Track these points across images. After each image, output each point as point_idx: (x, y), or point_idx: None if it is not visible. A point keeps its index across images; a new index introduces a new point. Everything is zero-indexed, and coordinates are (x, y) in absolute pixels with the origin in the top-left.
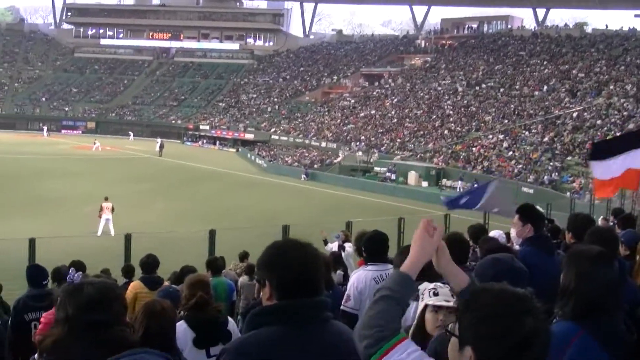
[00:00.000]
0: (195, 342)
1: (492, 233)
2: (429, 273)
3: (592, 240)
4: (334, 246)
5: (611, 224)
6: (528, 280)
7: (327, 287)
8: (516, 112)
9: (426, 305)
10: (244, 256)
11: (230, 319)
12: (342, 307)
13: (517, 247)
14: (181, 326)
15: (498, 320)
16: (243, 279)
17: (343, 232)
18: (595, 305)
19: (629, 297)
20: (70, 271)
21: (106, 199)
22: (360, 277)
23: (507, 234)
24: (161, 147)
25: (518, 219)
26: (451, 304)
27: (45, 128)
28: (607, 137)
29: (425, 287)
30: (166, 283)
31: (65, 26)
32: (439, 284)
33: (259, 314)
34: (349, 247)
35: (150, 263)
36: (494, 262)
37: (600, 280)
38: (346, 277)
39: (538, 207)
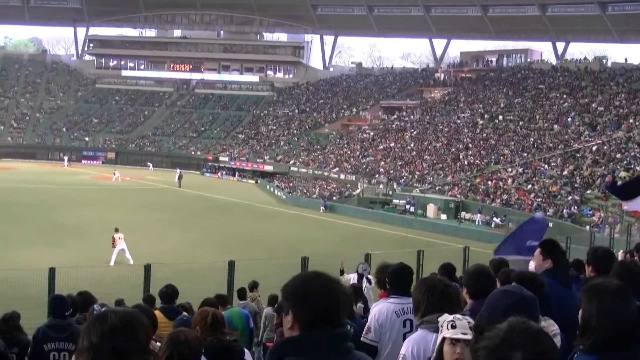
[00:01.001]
0: None
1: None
2: (449, 305)
3: (620, 275)
4: (352, 277)
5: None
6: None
7: (349, 317)
8: (535, 145)
9: (444, 338)
10: (253, 286)
11: (246, 350)
12: (362, 339)
13: None
14: None
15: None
16: (268, 310)
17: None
18: (617, 338)
19: None
20: (96, 307)
21: (117, 230)
22: (382, 310)
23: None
24: (180, 177)
25: (539, 253)
26: (468, 336)
27: (65, 158)
28: (621, 177)
29: (444, 319)
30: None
31: (87, 57)
32: (457, 315)
33: (282, 345)
34: (372, 279)
35: (169, 293)
36: (504, 294)
37: (622, 313)
38: (366, 310)
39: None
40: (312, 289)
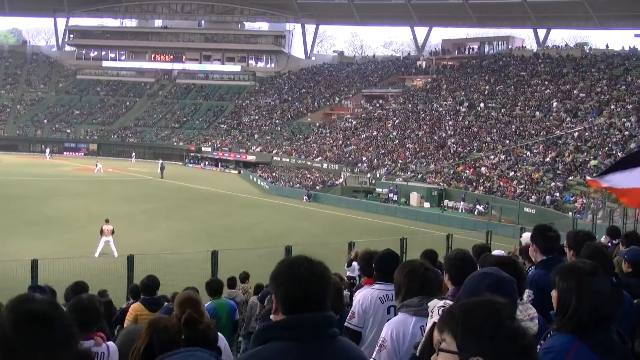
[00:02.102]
0: None
1: (495, 252)
2: (430, 289)
3: (591, 256)
4: (357, 267)
5: (609, 244)
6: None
7: (335, 311)
8: (517, 133)
9: (434, 323)
10: (244, 277)
11: (220, 335)
12: (345, 324)
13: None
14: None
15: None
16: (253, 299)
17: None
18: (596, 317)
19: (627, 311)
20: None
21: (107, 222)
22: (366, 296)
23: (509, 254)
24: (162, 168)
25: (530, 238)
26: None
27: (47, 150)
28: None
29: (434, 304)
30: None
31: (67, 48)
32: (447, 301)
33: (266, 328)
34: (355, 265)
35: (150, 284)
36: (482, 276)
37: (601, 294)
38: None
39: (553, 230)
40: (296, 273)
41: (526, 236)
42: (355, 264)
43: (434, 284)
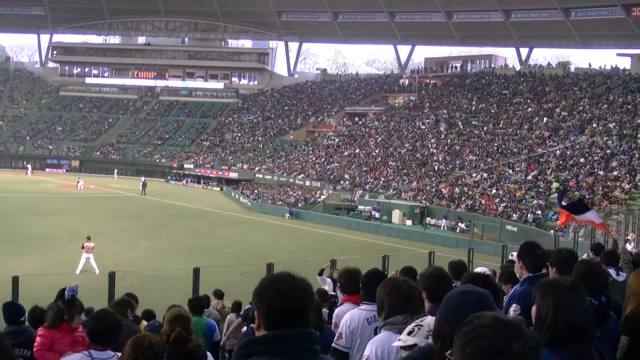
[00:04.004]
0: None
1: (478, 269)
2: (413, 306)
3: (581, 274)
4: (328, 282)
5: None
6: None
7: (315, 328)
8: (500, 151)
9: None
10: (219, 294)
11: (208, 353)
12: (333, 345)
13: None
14: None
15: (486, 342)
16: (231, 316)
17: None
18: (575, 333)
19: (612, 331)
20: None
21: (88, 239)
22: (354, 316)
23: (493, 271)
24: (144, 185)
25: (517, 255)
26: (406, 343)
27: (29, 166)
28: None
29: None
30: (144, 322)
31: (50, 64)
32: (427, 319)
33: (248, 344)
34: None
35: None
36: (462, 295)
37: (578, 309)
38: (331, 315)
39: (541, 248)
40: (279, 288)
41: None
42: (326, 278)
43: (417, 301)
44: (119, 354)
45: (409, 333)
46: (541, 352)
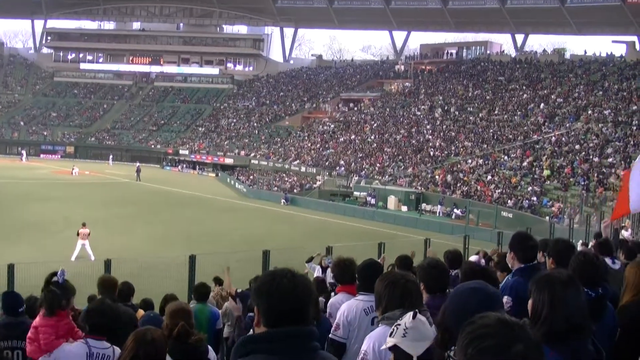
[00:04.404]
0: None
1: (472, 257)
2: (410, 300)
3: (579, 267)
4: (317, 268)
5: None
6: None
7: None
8: (495, 137)
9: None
10: (221, 281)
11: (210, 348)
12: (330, 336)
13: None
14: None
15: (488, 343)
16: (227, 305)
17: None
18: (570, 327)
19: (608, 323)
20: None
21: (84, 225)
22: (351, 307)
23: (484, 252)
24: (138, 171)
25: (509, 246)
26: (387, 345)
27: (24, 153)
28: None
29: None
30: (141, 311)
31: (45, 50)
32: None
33: (247, 341)
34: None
35: (124, 291)
36: (472, 292)
37: (574, 304)
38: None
39: (533, 240)
40: (279, 285)
41: None
42: (315, 265)
43: (414, 295)
44: (116, 347)
45: (390, 334)
46: (543, 353)
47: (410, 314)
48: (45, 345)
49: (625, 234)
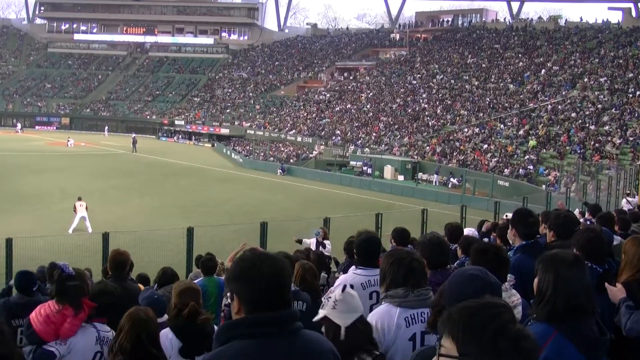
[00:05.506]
0: (182, 352)
1: (467, 231)
2: (414, 279)
3: (585, 243)
4: (312, 242)
5: (587, 221)
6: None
7: (314, 298)
8: (491, 105)
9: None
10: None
11: (216, 327)
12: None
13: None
14: (167, 334)
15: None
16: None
17: (322, 229)
18: (573, 308)
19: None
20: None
21: (79, 199)
22: (348, 282)
23: (493, 224)
24: (134, 142)
25: (510, 222)
26: (318, 317)
27: (19, 124)
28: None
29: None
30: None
31: (38, 21)
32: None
33: (229, 327)
34: (328, 244)
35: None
36: (470, 279)
37: (578, 284)
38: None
39: (534, 216)
40: (256, 270)
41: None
42: (306, 240)
43: (418, 274)
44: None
45: (322, 306)
46: (516, 328)
47: (340, 287)
48: (65, 334)
49: (625, 205)
